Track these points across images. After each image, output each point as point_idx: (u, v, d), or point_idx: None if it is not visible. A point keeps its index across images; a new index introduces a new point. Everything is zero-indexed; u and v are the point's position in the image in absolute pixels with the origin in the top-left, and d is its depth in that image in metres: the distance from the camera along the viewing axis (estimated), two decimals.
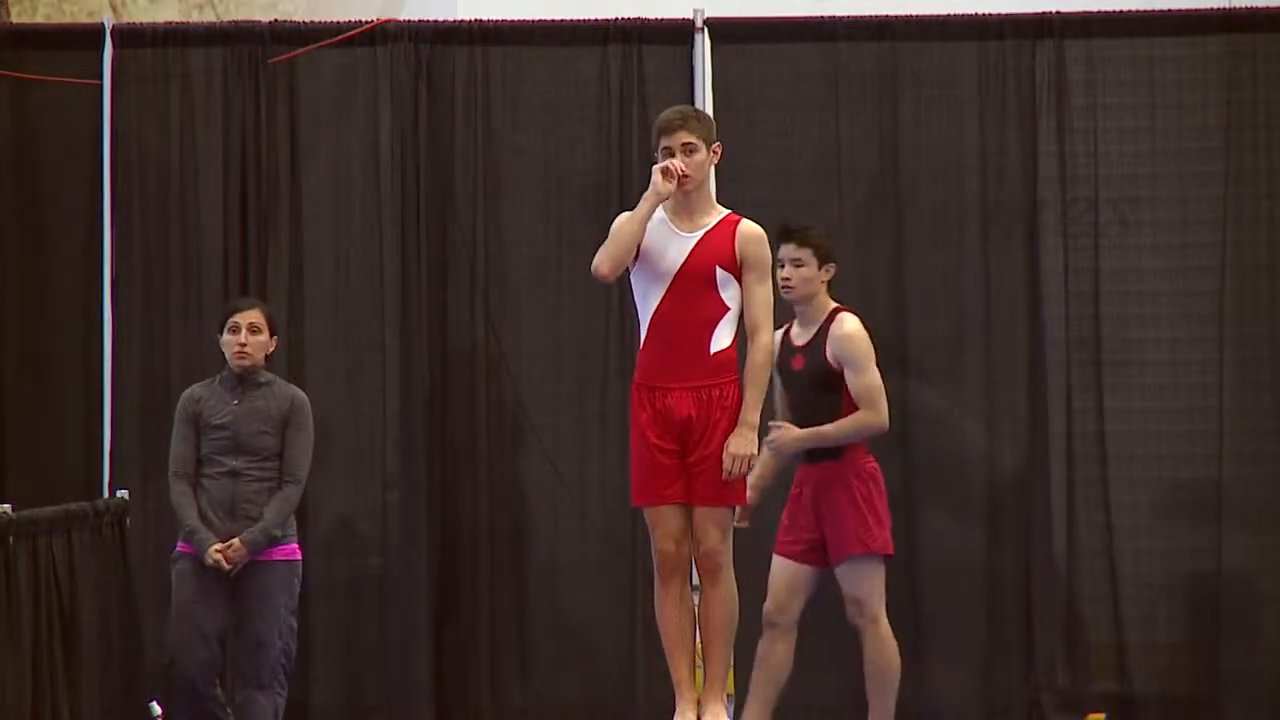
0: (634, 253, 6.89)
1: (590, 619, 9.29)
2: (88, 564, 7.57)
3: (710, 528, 6.89)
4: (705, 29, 9.32)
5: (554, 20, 9.42)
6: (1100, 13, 9.34)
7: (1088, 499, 9.21)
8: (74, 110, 9.36)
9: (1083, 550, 9.19)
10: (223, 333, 8.13)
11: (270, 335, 8.18)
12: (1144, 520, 9.22)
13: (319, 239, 9.41)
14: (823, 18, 9.39)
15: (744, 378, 6.89)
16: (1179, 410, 9.24)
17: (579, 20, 9.42)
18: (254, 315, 8.15)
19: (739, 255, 6.89)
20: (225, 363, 8.12)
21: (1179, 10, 9.32)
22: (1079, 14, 9.32)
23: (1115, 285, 9.27)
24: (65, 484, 8.96)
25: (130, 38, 9.39)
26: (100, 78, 9.33)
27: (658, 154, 6.92)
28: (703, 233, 6.92)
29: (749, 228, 6.94)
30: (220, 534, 7.96)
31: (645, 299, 6.93)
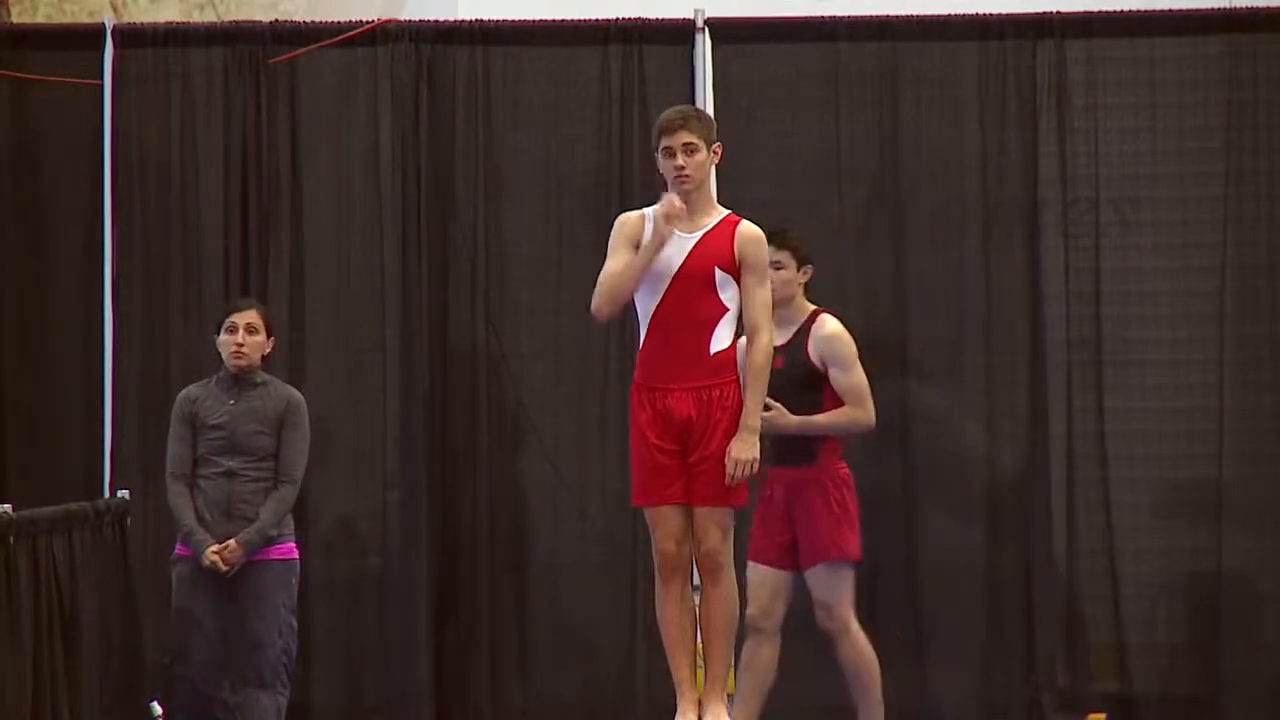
0: (631, 297, 6.90)
1: (590, 619, 9.28)
2: (88, 564, 7.56)
3: (711, 528, 6.88)
4: (706, 29, 9.32)
5: (554, 20, 9.42)
6: (1101, 13, 9.34)
7: (1088, 499, 9.21)
8: (74, 110, 9.36)
9: (1083, 550, 9.19)
10: (220, 333, 8.15)
11: (267, 336, 8.18)
12: (1144, 520, 9.22)
13: (320, 239, 9.40)
14: (823, 18, 9.39)
15: (743, 380, 6.88)
16: (1179, 410, 9.24)
17: (579, 20, 9.42)
18: (251, 316, 8.16)
19: (738, 256, 6.87)
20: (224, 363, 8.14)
21: (1179, 10, 9.32)
22: (1079, 14, 9.32)
23: (1116, 285, 9.27)
24: (65, 484, 8.95)
25: (131, 38, 9.39)
26: (101, 78, 9.33)
27: (658, 154, 6.91)
28: (702, 233, 6.90)
29: (748, 229, 6.92)
30: (216, 534, 7.97)
31: (645, 299, 6.90)
